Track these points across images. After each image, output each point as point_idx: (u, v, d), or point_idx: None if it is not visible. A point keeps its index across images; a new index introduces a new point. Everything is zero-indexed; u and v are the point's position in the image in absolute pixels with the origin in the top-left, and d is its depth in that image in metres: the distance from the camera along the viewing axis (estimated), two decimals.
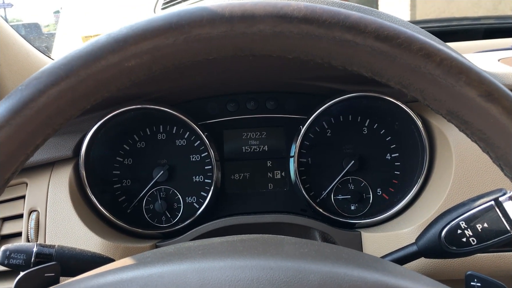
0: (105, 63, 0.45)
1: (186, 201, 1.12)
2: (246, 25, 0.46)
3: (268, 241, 0.57)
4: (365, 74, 0.49)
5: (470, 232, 0.70)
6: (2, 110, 0.44)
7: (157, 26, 0.46)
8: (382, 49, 0.46)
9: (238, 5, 0.47)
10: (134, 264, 0.50)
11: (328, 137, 1.12)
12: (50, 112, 0.45)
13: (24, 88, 0.45)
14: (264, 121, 1.15)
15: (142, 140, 1.13)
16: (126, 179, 1.12)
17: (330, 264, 0.48)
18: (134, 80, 0.48)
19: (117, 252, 0.96)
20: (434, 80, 0.45)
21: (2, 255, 0.72)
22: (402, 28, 0.47)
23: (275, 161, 1.15)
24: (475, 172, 0.95)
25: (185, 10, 0.47)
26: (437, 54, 0.45)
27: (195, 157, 1.13)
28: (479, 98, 0.45)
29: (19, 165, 0.46)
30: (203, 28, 0.46)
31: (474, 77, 0.45)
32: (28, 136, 0.45)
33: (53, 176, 1.01)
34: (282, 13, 0.46)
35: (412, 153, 1.07)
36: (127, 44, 0.45)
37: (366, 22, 0.46)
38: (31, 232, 0.97)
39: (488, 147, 0.47)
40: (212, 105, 1.14)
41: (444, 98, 0.46)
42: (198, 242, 0.58)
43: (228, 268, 0.46)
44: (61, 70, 0.45)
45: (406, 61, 0.46)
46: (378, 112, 1.10)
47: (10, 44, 1.05)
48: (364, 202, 1.11)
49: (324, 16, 0.46)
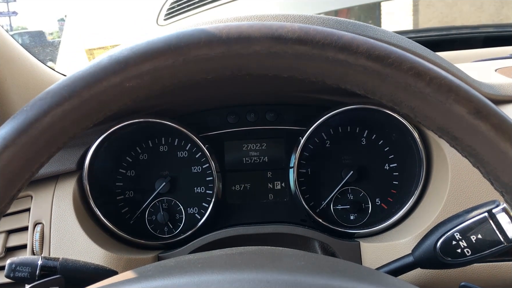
0: (107, 84, 0.47)
1: (188, 212, 1.14)
2: (243, 46, 0.48)
3: (266, 254, 0.58)
4: (358, 92, 0.50)
5: (464, 243, 0.71)
6: (8, 130, 0.46)
7: (156, 48, 0.48)
8: (374, 68, 0.47)
9: (234, 27, 0.48)
10: (135, 278, 0.51)
11: (327, 148, 1.14)
12: (55, 132, 0.46)
13: (29, 109, 0.46)
14: (264, 133, 1.17)
15: (144, 153, 1.15)
16: (129, 191, 1.14)
17: (326, 276, 0.49)
18: (135, 100, 0.49)
19: (120, 263, 0.98)
20: (425, 98, 0.47)
21: (8, 268, 0.73)
22: (393, 48, 0.49)
23: (275, 172, 1.17)
24: (471, 183, 0.96)
25: (184, 32, 0.48)
26: (427, 73, 0.47)
27: (196, 168, 1.14)
28: (468, 115, 0.46)
29: (24, 182, 0.47)
30: (201, 50, 0.48)
31: (463, 95, 0.47)
32: (33, 155, 0.46)
33: (57, 189, 1.03)
34: (277, 35, 0.48)
35: (409, 164, 1.09)
36: (128, 65, 0.47)
37: (358, 42, 0.48)
38: (36, 244, 0.98)
39: (478, 162, 0.48)
40: (213, 117, 1.16)
41: (435, 115, 0.47)
42: (198, 255, 0.59)
43: (227, 281, 0.47)
44: (65, 91, 0.47)
45: (397, 80, 0.47)
46: (376, 124, 1.12)
47: (15, 59, 1.06)
48: (363, 212, 1.12)
49: (318, 37, 0.48)
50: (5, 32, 1.07)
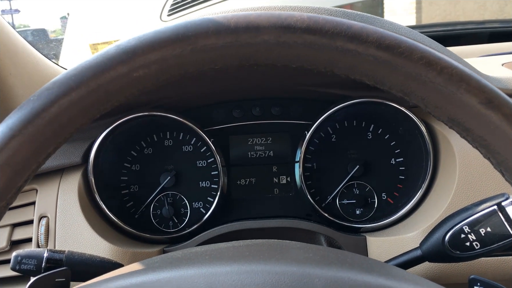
0: (115, 74, 0.46)
1: (193, 206, 1.14)
2: (251, 36, 0.47)
3: (274, 246, 0.58)
4: (368, 83, 0.50)
5: (473, 236, 0.70)
6: (15, 120, 0.45)
7: (164, 38, 0.47)
8: (384, 58, 0.47)
9: (243, 16, 0.48)
10: (142, 269, 0.51)
11: (333, 143, 1.13)
12: (61, 122, 0.46)
13: (36, 99, 0.46)
14: (269, 127, 1.16)
15: (149, 147, 1.14)
16: (134, 185, 1.14)
17: (334, 268, 0.49)
18: (142, 90, 0.49)
19: (125, 257, 0.98)
20: (435, 88, 0.46)
21: (14, 261, 0.73)
22: (403, 38, 0.48)
23: (281, 166, 1.17)
24: (479, 177, 0.95)
25: (192, 22, 0.48)
26: (438, 62, 0.46)
27: (201, 162, 1.14)
28: (479, 105, 0.46)
29: (31, 172, 0.47)
30: (209, 39, 0.47)
31: (474, 85, 0.46)
32: (40, 145, 0.46)
33: (62, 182, 1.03)
34: (285, 24, 0.47)
35: (416, 158, 1.08)
36: (135, 55, 0.47)
37: (368, 31, 0.47)
38: (41, 237, 0.98)
39: (489, 153, 0.48)
40: (218, 111, 1.16)
41: (445, 105, 0.47)
42: (205, 247, 0.59)
43: (235, 273, 0.47)
44: (72, 81, 0.46)
45: (407, 70, 0.47)
46: (382, 118, 1.11)
47: (19, 53, 1.06)
48: (369, 207, 1.12)
49: (327, 26, 0.47)
50: (9, 26, 1.07)
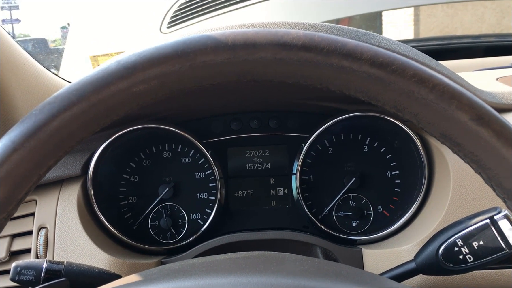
0: (115, 89, 0.48)
1: (191, 218, 1.14)
2: (248, 52, 0.49)
3: (270, 258, 0.58)
4: (362, 98, 0.51)
5: (466, 249, 0.71)
6: (17, 134, 0.46)
7: (164, 54, 0.48)
8: (377, 75, 0.48)
9: (240, 34, 0.49)
10: (140, 281, 0.52)
11: (329, 155, 1.14)
12: (63, 136, 0.47)
13: (38, 113, 0.47)
14: (267, 140, 1.17)
15: (148, 158, 1.15)
16: (133, 196, 1.15)
17: (329, 281, 0.50)
18: (141, 105, 0.50)
19: (124, 268, 0.98)
20: (428, 105, 0.48)
21: (13, 272, 0.74)
22: (396, 55, 0.49)
23: (278, 178, 1.17)
24: (472, 190, 0.97)
25: (191, 38, 0.49)
26: (430, 80, 0.48)
27: (199, 174, 1.15)
28: (470, 122, 0.47)
29: (32, 185, 0.48)
30: (207, 56, 0.48)
31: (465, 101, 0.47)
32: (41, 159, 0.47)
33: (61, 194, 1.04)
34: (282, 42, 0.48)
35: (411, 171, 1.09)
36: (136, 70, 0.48)
37: (362, 49, 0.49)
38: (40, 248, 0.99)
39: (480, 168, 0.49)
40: (216, 124, 1.17)
41: (437, 121, 0.48)
42: (202, 259, 0.60)
43: (231, 285, 0.48)
44: (73, 96, 0.47)
45: (400, 87, 0.48)
46: (378, 131, 1.12)
47: (21, 65, 1.08)
48: (365, 219, 1.13)
49: (322, 44, 0.49)
50: (10, 38, 1.08)
